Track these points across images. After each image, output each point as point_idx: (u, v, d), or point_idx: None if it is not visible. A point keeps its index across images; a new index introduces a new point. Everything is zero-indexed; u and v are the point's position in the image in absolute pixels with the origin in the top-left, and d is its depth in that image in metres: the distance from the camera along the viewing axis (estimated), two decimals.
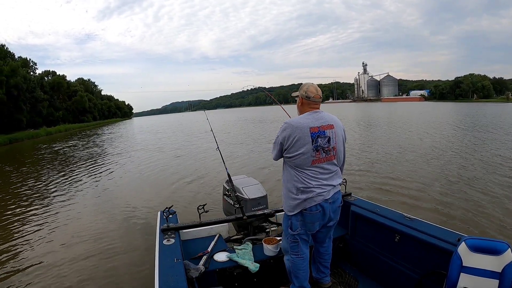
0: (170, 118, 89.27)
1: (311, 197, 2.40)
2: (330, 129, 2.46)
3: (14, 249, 5.35)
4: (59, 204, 7.91)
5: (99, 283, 4.13)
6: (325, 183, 2.45)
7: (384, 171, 9.27)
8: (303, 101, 2.55)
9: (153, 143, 21.99)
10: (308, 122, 2.42)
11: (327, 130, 2.45)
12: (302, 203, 2.42)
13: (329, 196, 2.46)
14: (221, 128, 31.41)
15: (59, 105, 58.19)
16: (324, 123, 2.45)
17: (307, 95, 2.53)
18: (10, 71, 37.81)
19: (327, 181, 2.46)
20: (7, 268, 4.66)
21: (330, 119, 2.51)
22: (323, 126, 2.44)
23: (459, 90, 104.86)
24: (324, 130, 2.43)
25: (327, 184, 2.46)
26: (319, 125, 2.43)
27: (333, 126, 2.48)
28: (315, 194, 2.40)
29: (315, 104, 2.54)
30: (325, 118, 2.48)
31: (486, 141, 14.10)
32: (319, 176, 2.44)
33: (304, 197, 2.41)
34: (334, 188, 2.51)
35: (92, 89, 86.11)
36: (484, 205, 6.13)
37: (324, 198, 2.43)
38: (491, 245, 2.02)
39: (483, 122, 23.64)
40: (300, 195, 2.42)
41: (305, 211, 2.44)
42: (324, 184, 2.44)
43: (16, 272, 4.52)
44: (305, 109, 2.55)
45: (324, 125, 2.45)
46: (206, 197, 7.44)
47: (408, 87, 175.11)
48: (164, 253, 2.52)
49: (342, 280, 3.00)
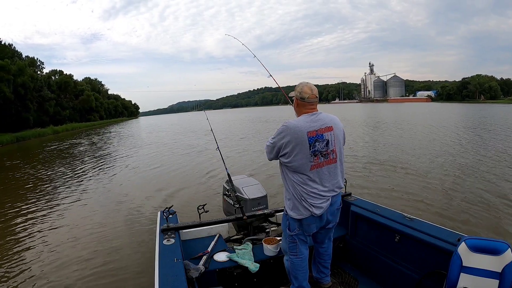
0: (175, 118, 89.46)
1: (306, 208, 2.37)
2: (328, 131, 2.38)
3: (14, 249, 5.37)
4: (60, 204, 7.96)
5: (99, 283, 4.13)
6: (324, 189, 2.40)
7: (385, 171, 9.25)
8: (299, 102, 2.46)
9: (155, 143, 22.13)
10: (306, 125, 2.34)
11: (326, 133, 2.37)
12: (299, 213, 2.40)
13: (327, 202, 2.42)
14: (226, 128, 31.46)
15: (66, 104, 58.59)
16: (322, 125, 2.37)
17: (301, 96, 2.43)
18: (17, 70, 38.10)
19: (327, 186, 2.41)
20: (7, 268, 4.69)
21: (329, 120, 2.43)
22: (321, 129, 2.36)
23: (466, 91, 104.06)
24: (322, 133, 2.36)
25: (327, 190, 2.41)
26: (317, 128, 2.35)
27: (332, 128, 2.40)
28: (313, 204, 2.37)
29: (311, 105, 2.44)
30: (324, 120, 2.40)
31: (487, 141, 14.07)
32: (319, 181, 2.38)
33: (302, 208, 2.39)
34: (333, 192, 2.46)
35: (99, 88, 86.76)
36: (484, 205, 6.10)
37: (321, 207, 2.40)
38: (491, 245, 2.01)
39: (490, 122, 23.52)
40: (298, 204, 2.40)
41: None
42: (323, 191, 2.39)
43: (16, 271, 4.53)
44: (301, 110, 2.46)
45: (323, 128, 2.37)
46: (206, 197, 7.43)
47: (415, 88, 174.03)
48: (164, 253, 2.52)
49: (342, 280, 2.99)
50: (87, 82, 78.24)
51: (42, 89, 46.78)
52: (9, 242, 5.66)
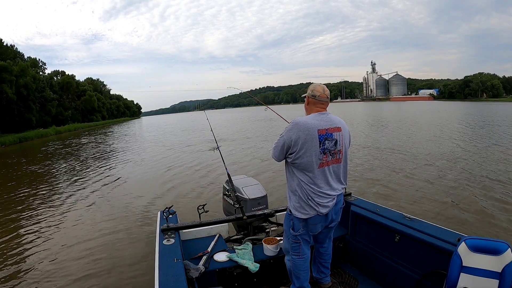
0: (177, 118, 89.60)
1: (313, 207, 2.38)
2: (337, 131, 2.43)
3: (14, 248, 5.40)
4: (60, 203, 7.98)
5: (99, 283, 4.14)
6: (331, 188, 2.42)
7: (385, 171, 9.23)
8: (310, 100, 2.52)
9: (155, 142, 22.20)
10: (316, 123, 2.37)
11: (335, 132, 2.41)
12: (306, 212, 2.41)
13: (333, 201, 2.45)
14: (227, 128, 31.42)
15: (68, 104, 58.80)
16: (332, 125, 2.42)
17: (313, 94, 2.49)
18: (19, 71, 38.21)
19: (333, 185, 2.44)
20: (6, 267, 4.71)
21: (338, 121, 2.48)
22: (331, 129, 2.40)
23: (468, 89, 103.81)
24: (332, 132, 2.40)
25: (333, 189, 2.44)
26: (327, 127, 2.39)
27: (340, 128, 2.45)
28: (320, 203, 2.38)
29: (322, 104, 2.49)
30: (333, 121, 2.45)
31: (488, 140, 14.04)
32: (325, 180, 2.41)
33: (308, 208, 2.40)
34: (338, 191, 2.49)
35: (100, 88, 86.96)
36: (484, 204, 6.08)
37: (327, 206, 2.41)
38: (491, 245, 2.00)
39: (493, 120, 23.44)
40: (304, 204, 2.40)
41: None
42: (329, 190, 2.41)
43: (16, 271, 4.56)
44: (312, 108, 2.51)
45: (332, 128, 2.41)
46: (206, 197, 7.45)
47: (417, 86, 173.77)
48: (164, 253, 2.52)
49: (342, 280, 2.98)
50: (89, 83, 78.31)
51: (44, 90, 46.93)
52: (9, 241, 5.69)
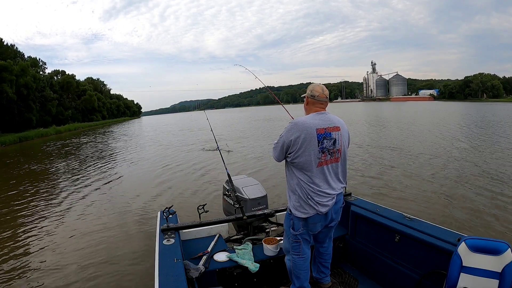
0: (177, 117, 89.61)
1: (313, 206, 2.39)
2: (336, 131, 2.45)
3: (14, 248, 5.40)
4: (59, 203, 7.98)
5: (99, 283, 4.14)
6: (330, 187, 2.43)
7: (385, 171, 9.24)
8: (309, 100, 2.54)
9: (155, 143, 22.17)
10: (315, 123, 2.39)
11: (333, 132, 2.43)
12: (306, 211, 2.42)
13: (333, 200, 2.46)
14: (227, 128, 31.39)
15: (68, 104, 58.77)
16: (330, 124, 2.43)
17: (312, 94, 2.51)
18: (20, 71, 38.21)
19: (332, 184, 2.45)
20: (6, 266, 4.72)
21: (337, 121, 2.49)
22: (329, 128, 2.42)
23: (468, 90, 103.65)
24: (330, 132, 2.42)
25: (333, 188, 2.45)
26: (325, 126, 2.41)
27: (339, 128, 2.47)
28: (319, 202, 2.39)
29: (321, 103, 2.52)
30: (332, 120, 2.47)
31: (488, 140, 14.06)
32: (325, 179, 2.42)
33: (308, 207, 2.40)
34: (338, 190, 2.50)
35: (101, 88, 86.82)
36: (484, 204, 6.09)
37: (327, 205, 2.42)
38: (491, 245, 2.00)
39: (493, 121, 23.47)
40: (303, 203, 2.41)
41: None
42: (328, 189, 2.42)
43: (16, 271, 4.55)
44: (311, 108, 2.53)
45: (331, 127, 2.43)
46: (206, 197, 7.45)
47: (417, 86, 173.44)
48: (164, 253, 2.53)
49: (342, 280, 2.98)
50: (89, 82, 78.19)
51: (45, 89, 46.90)
52: (9, 241, 5.69)
